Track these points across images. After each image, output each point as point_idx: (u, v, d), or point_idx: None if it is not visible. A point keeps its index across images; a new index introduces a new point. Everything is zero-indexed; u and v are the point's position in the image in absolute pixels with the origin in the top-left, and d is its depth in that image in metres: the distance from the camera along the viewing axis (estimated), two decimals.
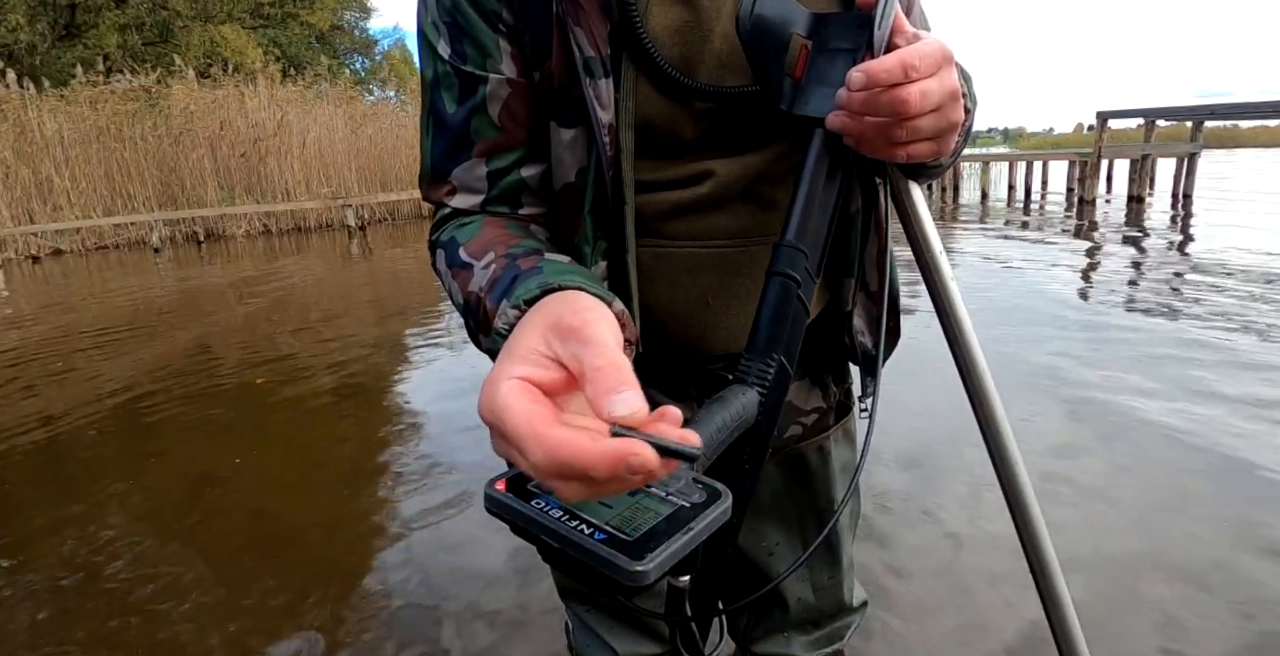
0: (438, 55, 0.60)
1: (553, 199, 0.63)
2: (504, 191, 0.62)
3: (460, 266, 0.56)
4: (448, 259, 0.58)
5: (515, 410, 0.31)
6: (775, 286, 0.51)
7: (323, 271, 7.47)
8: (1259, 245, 6.35)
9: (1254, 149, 51.98)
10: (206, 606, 1.70)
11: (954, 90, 0.49)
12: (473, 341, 0.57)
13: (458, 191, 0.62)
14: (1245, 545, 1.72)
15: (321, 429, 2.87)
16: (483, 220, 0.61)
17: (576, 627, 0.92)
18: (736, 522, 0.53)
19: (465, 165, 0.62)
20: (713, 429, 0.42)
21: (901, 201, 0.65)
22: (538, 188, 0.63)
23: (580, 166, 0.60)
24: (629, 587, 0.29)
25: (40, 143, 9.81)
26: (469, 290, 0.54)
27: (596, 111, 0.56)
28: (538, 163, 0.63)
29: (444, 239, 0.61)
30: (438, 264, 0.61)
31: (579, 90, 0.56)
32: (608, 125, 0.56)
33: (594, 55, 0.55)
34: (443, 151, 0.62)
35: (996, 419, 0.66)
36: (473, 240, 0.57)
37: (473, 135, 0.61)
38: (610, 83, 0.56)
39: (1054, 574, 0.69)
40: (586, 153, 0.59)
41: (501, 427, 0.32)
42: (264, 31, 19.05)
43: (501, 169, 0.62)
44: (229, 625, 1.62)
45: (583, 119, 0.58)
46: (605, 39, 0.55)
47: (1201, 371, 2.97)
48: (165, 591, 1.76)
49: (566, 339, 0.34)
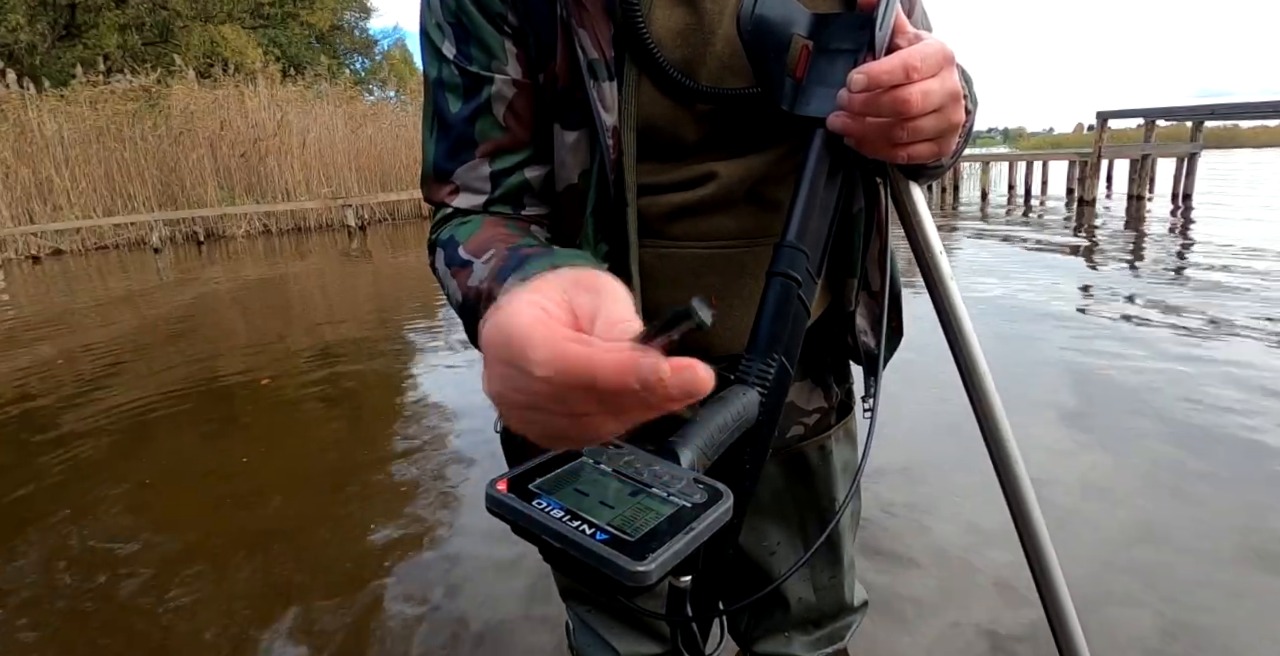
0: (442, 56, 0.60)
1: (555, 201, 0.63)
2: (507, 192, 0.62)
3: (460, 265, 0.55)
4: (447, 258, 0.57)
5: (524, 315, 0.30)
6: (776, 287, 0.51)
7: (324, 271, 7.47)
8: (1258, 244, 6.35)
9: (1254, 149, 51.98)
10: (209, 602, 1.70)
11: (955, 91, 0.49)
12: (472, 341, 0.55)
13: (460, 191, 0.62)
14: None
15: (325, 429, 2.87)
16: (482, 220, 0.60)
17: (577, 628, 0.92)
18: (737, 523, 0.53)
19: (468, 165, 0.61)
20: (713, 429, 0.42)
21: (902, 202, 0.65)
22: (540, 189, 0.63)
23: (583, 168, 0.60)
24: (630, 588, 0.29)
25: (40, 143, 9.81)
26: (469, 285, 0.52)
27: (600, 114, 0.56)
28: (541, 164, 0.62)
29: (443, 238, 0.60)
30: (436, 264, 0.59)
31: (582, 92, 0.56)
32: (611, 127, 0.56)
33: (598, 58, 0.55)
34: (446, 151, 0.62)
35: (997, 418, 0.66)
36: (472, 238, 0.56)
37: (477, 136, 0.60)
38: (614, 85, 0.56)
39: (1053, 573, 0.69)
40: (589, 155, 0.59)
41: (505, 339, 0.30)
42: (264, 31, 19.04)
43: (505, 169, 0.61)
44: (233, 620, 1.62)
45: (586, 121, 0.58)
46: (609, 41, 0.55)
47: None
48: (166, 589, 1.76)
49: (585, 290, 0.33)
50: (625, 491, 0.34)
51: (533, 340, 0.29)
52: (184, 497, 2.29)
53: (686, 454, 0.39)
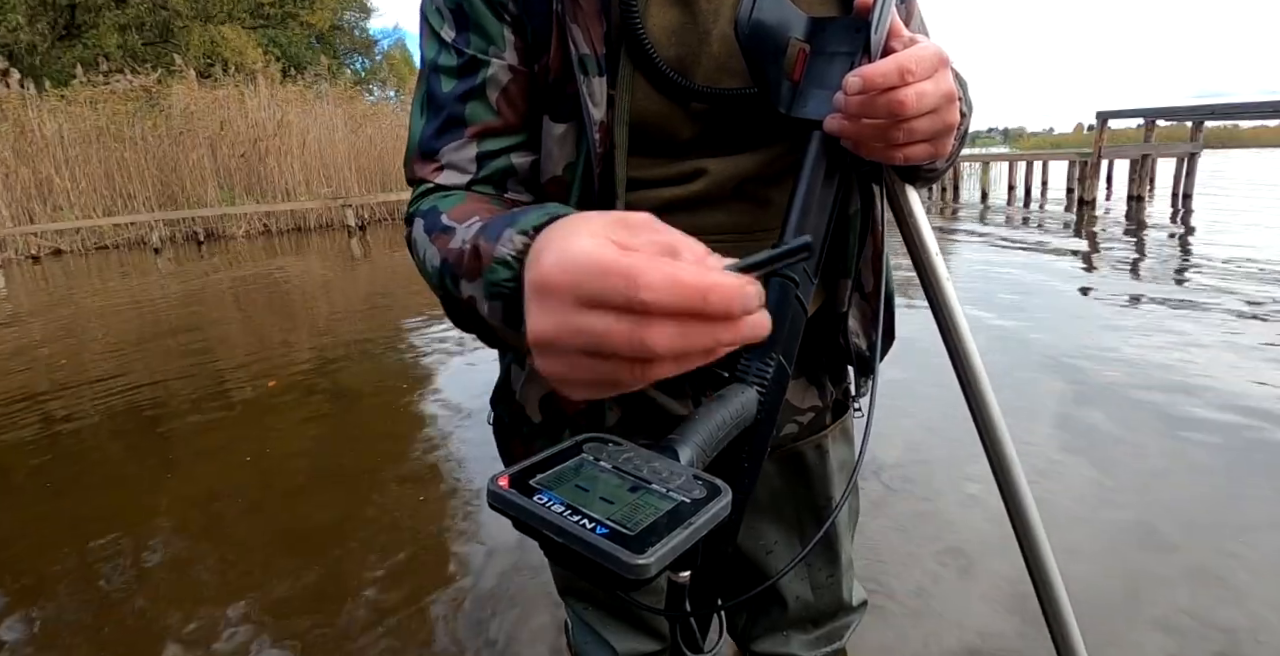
0: (440, 39, 0.60)
1: (539, 192, 0.63)
2: (491, 174, 0.61)
3: (441, 230, 0.52)
4: (427, 225, 0.54)
5: (607, 248, 0.30)
6: (774, 287, 0.51)
7: (324, 272, 7.47)
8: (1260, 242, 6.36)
9: (1254, 149, 51.94)
10: (212, 598, 1.70)
11: (950, 92, 0.50)
12: (450, 315, 0.52)
13: (445, 169, 0.61)
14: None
15: (329, 429, 2.88)
16: (465, 194, 0.59)
17: (575, 625, 0.92)
18: (736, 520, 0.54)
19: (455, 144, 0.60)
20: (712, 426, 0.43)
21: (898, 204, 0.66)
22: (526, 177, 0.63)
23: (569, 161, 0.60)
24: (630, 582, 0.30)
25: (40, 143, 9.82)
26: (450, 247, 0.49)
27: (589, 108, 0.56)
28: (529, 151, 0.62)
29: (424, 208, 0.57)
30: (414, 232, 0.56)
31: (573, 86, 0.56)
32: (599, 122, 0.57)
33: (589, 53, 0.56)
34: (434, 130, 0.61)
35: (993, 419, 0.67)
36: (456, 208, 0.54)
37: (467, 116, 0.60)
38: (604, 81, 0.56)
39: (1052, 575, 0.69)
40: (576, 148, 0.60)
41: (597, 268, 0.29)
42: (264, 31, 19.04)
43: (492, 152, 0.61)
44: (236, 615, 1.63)
45: (575, 114, 0.58)
46: (601, 38, 0.56)
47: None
48: (169, 585, 1.77)
49: (639, 230, 0.32)
50: (625, 487, 0.34)
51: (637, 266, 0.29)
52: (184, 498, 2.30)
53: (685, 451, 0.39)
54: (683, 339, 0.29)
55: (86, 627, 1.64)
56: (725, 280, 0.29)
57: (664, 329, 0.29)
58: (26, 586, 1.82)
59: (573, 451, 0.37)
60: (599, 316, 0.30)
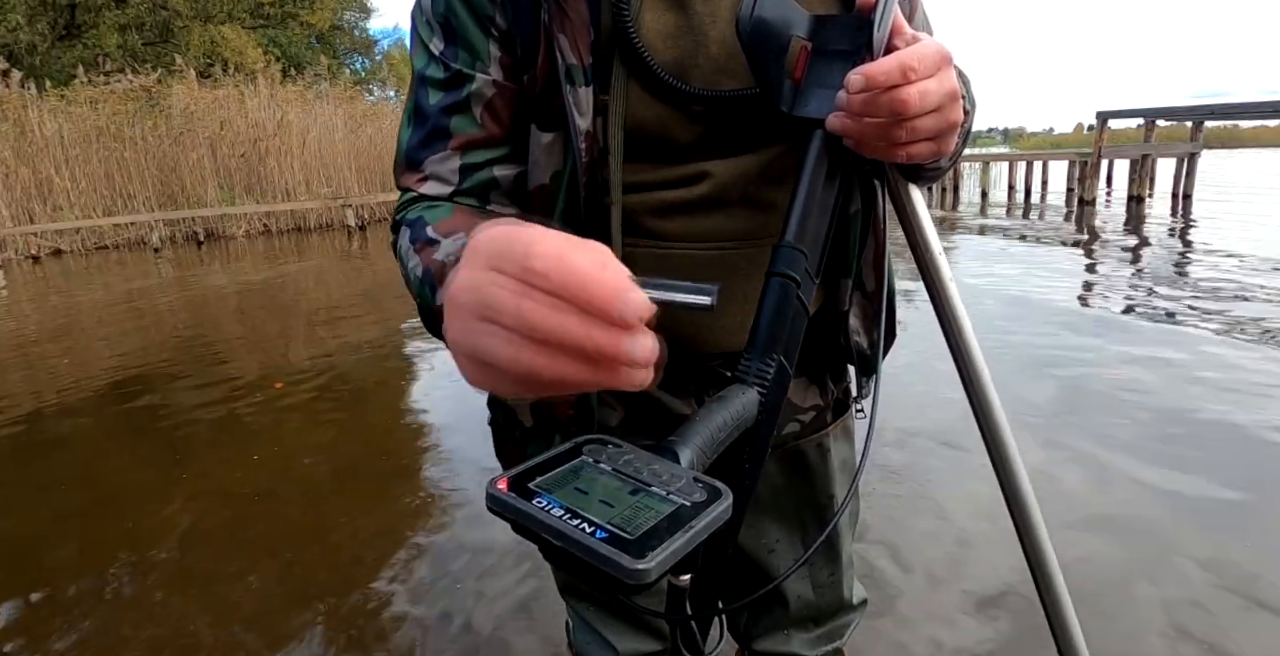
0: (429, 51, 0.61)
1: (525, 201, 0.64)
2: (474, 186, 0.62)
3: (426, 241, 0.54)
4: (413, 236, 0.56)
5: (534, 227, 0.31)
6: (775, 287, 0.51)
7: (325, 272, 7.47)
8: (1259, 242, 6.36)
9: (1254, 149, 51.98)
10: (217, 595, 1.70)
11: (953, 90, 0.49)
12: (425, 323, 0.54)
13: (428, 180, 0.63)
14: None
15: (332, 429, 2.88)
16: (453, 207, 0.61)
17: (577, 625, 0.92)
18: (737, 522, 0.54)
19: (439, 156, 0.62)
20: (712, 428, 0.42)
21: (901, 203, 0.66)
22: (510, 189, 0.63)
23: (555, 169, 0.60)
24: (630, 586, 0.29)
25: (40, 143, 9.81)
26: (433, 259, 0.51)
27: (575, 118, 0.56)
28: (514, 164, 0.63)
29: (410, 218, 0.59)
30: (400, 241, 0.58)
31: (560, 97, 0.57)
32: (585, 132, 0.57)
33: (576, 63, 0.56)
34: (419, 140, 0.63)
35: (995, 418, 0.67)
36: (442, 222, 0.56)
37: (451, 129, 0.61)
38: (590, 91, 0.56)
39: (1052, 572, 0.69)
40: (563, 157, 0.60)
41: (507, 237, 0.31)
42: (264, 31, 19.03)
43: (475, 164, 0.62)
44: (240, 613, 1.62)
45: (562, 124, 0.58)
46: (589, 47, 0.56)
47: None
48: (169, 583, 1.77)
49: (582, 247, 0.32)
50: (625, 490, 0.34)
51: (545, 240, 0.30)
52: (185, 498, 2.30)
53: (685, 453, 0.39)
54: (557, 321, 0.29)
55: (98, 629, 1.63)
56: (610, 279, 0.29)
57: (543, 302, 0.29)
58: (30, 579, 1.82)
59: (573, 453, 0.37)
60: (495, 275, 0.31)
